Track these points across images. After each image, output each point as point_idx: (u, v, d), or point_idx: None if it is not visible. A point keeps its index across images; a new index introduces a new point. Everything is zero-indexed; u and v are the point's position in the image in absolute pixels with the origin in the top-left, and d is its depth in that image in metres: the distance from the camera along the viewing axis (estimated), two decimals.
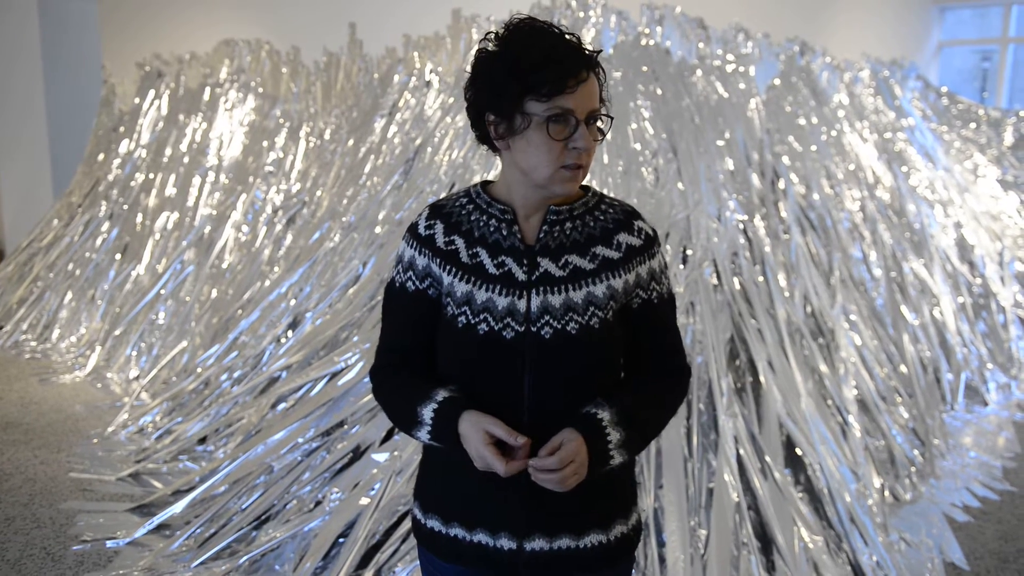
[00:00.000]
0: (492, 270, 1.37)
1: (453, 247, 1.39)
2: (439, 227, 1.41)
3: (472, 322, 1.36)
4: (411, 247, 1.43)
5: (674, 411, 1.48)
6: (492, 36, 1.36)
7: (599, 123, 1.35)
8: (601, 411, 1.35)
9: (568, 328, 1.34)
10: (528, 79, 1.30)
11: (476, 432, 1.30)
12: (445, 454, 1.39)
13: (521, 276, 1.36)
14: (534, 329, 1.35)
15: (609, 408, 1.35)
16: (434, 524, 1.45)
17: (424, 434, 1.37)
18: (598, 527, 1.41)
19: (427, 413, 1.36)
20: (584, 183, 1.46)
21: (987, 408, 4.66)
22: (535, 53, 1.30)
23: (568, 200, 1.41)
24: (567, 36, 1.34)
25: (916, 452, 3.80)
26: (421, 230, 1.42)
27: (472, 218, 1.41)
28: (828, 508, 3.02)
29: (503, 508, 1.38)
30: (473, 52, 1.40)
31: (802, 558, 2.80)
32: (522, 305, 1.35)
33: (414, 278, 1.42)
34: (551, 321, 1.34)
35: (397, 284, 1.45)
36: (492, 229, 1.39)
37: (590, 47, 1.36)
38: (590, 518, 1.40)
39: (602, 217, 1.41)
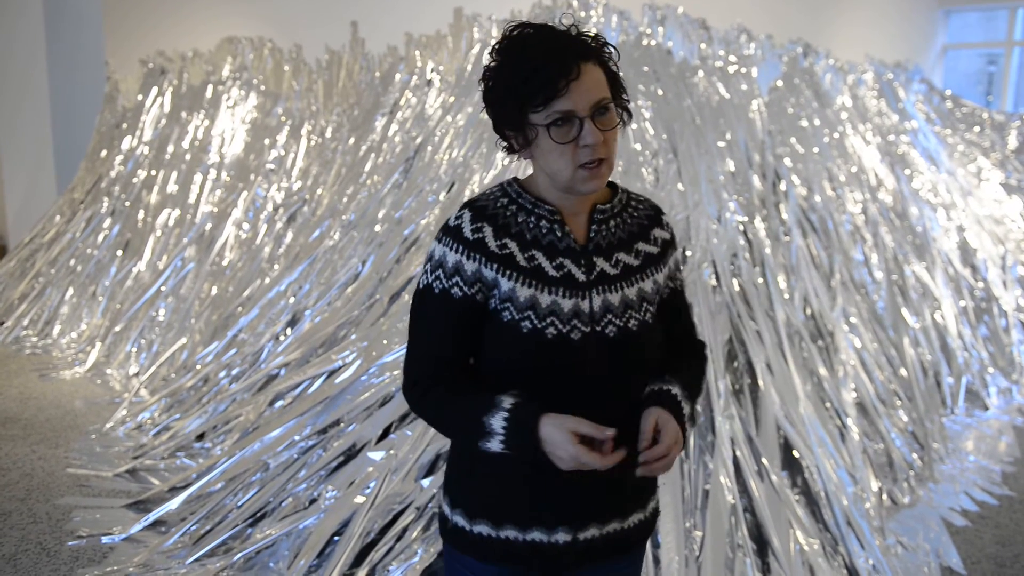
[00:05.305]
0: (552, 272, 1.35)
1: (507, 251, 1.35)
2: (488, 230, 1.35)
3: (539, 326, 1.33)
4: (455, 251, 1.35)
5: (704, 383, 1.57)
6: (493, 50, 1.36)
7: (612, 110, 1.33)
8: (672, 387, 1.40)
9: (629, 325, 1.38)
10: (519, 93, 1.29)
11: (561, 433, 1.27)
12: (495, 460, 1.34)
13: (581, 277, 1.36)
14: (599, 329, 1.36)
15: (677, 383, 1.41)
16: (483, 529, 1.42)
17: (496, 444, 1.32)
18: (639, 506, 1.47)
19: (496, 423, 1.31)
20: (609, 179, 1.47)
21: (988, 412, 4.64)
22: (522, 65, 1.29)
23: (607, 198, 1.43)
24: (559, 32, 1.31)
25: (915, 456, 3.78)
26: (468, 233, 1.35)
27: (519, 219, 1.37)
28: (825, 511, 3.01)
29: (562, 505, 1.39)
30: (474, 52, 1.39)
31: (798, 561, 2.79)
32: (586, 306, 1.36)
33: (461, 283, 1.34)
34: (613, 319, 1.37)
35: (437, 290, 1.36)
36: (544, 231, 1.37)
37: (590, 35, 1.34)
38: (633, 499, 1.46)
39: (636, 214, 1.45)
